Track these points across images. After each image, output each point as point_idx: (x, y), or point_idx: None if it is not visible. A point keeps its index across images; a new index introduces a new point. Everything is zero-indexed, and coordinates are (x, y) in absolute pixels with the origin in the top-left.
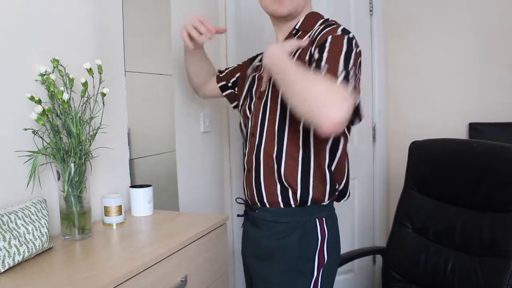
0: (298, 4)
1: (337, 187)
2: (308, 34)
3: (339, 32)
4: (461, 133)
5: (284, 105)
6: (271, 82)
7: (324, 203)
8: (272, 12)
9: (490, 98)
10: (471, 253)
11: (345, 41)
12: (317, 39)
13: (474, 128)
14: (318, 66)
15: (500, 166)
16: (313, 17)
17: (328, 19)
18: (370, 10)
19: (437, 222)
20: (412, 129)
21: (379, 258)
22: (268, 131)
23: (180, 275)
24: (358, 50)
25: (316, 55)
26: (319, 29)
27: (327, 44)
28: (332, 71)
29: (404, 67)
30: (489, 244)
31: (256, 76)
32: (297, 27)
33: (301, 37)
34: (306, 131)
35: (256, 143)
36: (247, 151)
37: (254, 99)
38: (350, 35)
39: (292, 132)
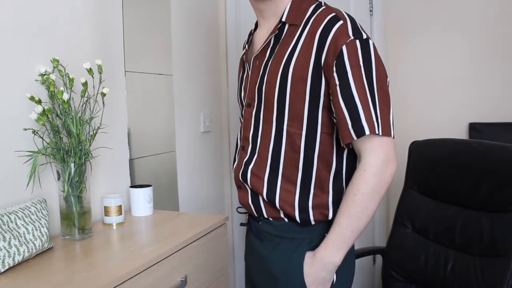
0: None
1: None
2: (300, 29)
3: (351, 35)
4: (461, 133)
5: (279, 119)
6: (263, 88)
7: (330, 218)
8: None
9: (490, 98)
10: (471, 253)
11: (360, 52)
12: (327, 44)
13: (474, 128)
14: (350, 101)
15: (500, 166)
16: (301, 2)
17: (321, 2)
18: (370, 10)
19: (437, 222)
20: (412, 129)
21: (379, 258)
22: (261, 148)
23: (180, 275)
24: (374, 48)
25: (337, 80)
26: (321, 24)
27: (347, 64)
28: (370, 124)
29: (404, 67)
30: (489, 244)
31: (244, 77)
32: (283, 19)
33: (289, 33)
34: (309, 151)
35: (246, 160)
36: (235, 165)
37: (244, 106)
38: (364, 36)
39: (291, 152)
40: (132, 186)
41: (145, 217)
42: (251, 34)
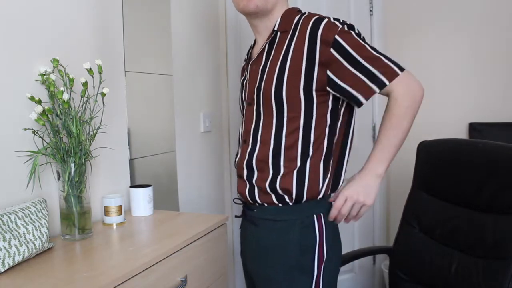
0: (266, 0)
1: (330, 179)
2: (290, 34)
3: (337, 25)
4: (461, 133)
5: (279, 108)
6: (261, 87)
7: (320, 197)
8: (242, 9)
9: (490, 98)
10: (474, 255)
11: (351, 33)
12: (318, 37)
13: (474, 128)
14: (361, 66)
15: (504, 166)
16: (290, 14)
17: (305, 12)
18: (370, 10)
19: (443, 223)
20: (412, 129)
21: (379, 258)
22: (263, 138)
23: (180, 275)
24: (357, 30)
25: (343, 61)
26: (308, 25)
27: (347, 46)
28: (387, 74)
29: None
30: (492, 246)
31: (243, 82)
32: (275, 28)
33: (282, 39)
34: (307, 131)
35: (249, 150)
36: (238, 158)
37: (245, 105)
38: (346, 27)
39: (291, 134)
40: (132, 186)
41: (145, 217)
42: (251, 48)
